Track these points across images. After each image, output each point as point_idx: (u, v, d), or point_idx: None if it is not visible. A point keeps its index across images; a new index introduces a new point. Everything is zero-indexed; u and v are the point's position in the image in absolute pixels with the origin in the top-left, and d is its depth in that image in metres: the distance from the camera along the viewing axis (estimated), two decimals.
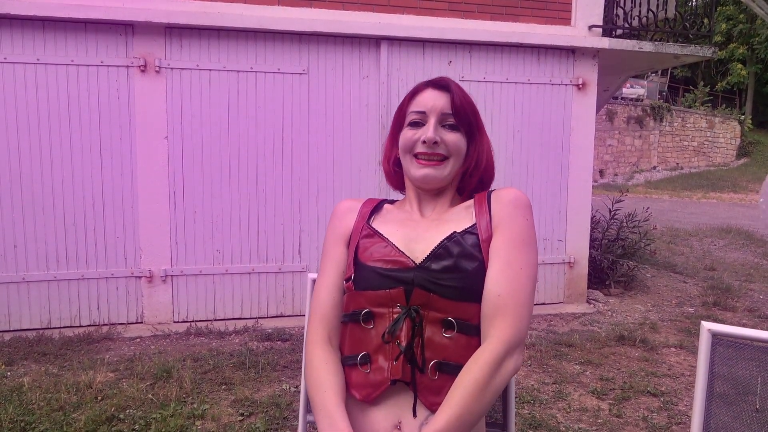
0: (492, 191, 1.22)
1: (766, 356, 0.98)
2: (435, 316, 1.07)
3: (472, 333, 1.08)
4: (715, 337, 1.03)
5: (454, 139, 1.20)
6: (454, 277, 1.08)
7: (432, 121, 1.19)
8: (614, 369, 3.73)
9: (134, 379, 3.32)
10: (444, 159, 1.19)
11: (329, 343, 1.17)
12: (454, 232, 1.13)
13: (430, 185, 1.21)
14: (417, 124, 1.21)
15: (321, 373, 1.12)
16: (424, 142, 1.18)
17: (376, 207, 1.28)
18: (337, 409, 1.05)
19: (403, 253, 1.12)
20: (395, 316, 1.08)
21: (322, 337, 1.17)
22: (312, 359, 1.15)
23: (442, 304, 1.07)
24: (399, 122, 1.27)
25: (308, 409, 1.49)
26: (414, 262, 1.11)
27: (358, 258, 1.16)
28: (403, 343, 1.06)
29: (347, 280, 1.16)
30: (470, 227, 1.15)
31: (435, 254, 1.10)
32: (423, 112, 1.20)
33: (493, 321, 1.05)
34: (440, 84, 1.23)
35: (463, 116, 1.21)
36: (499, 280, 1.08)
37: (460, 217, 1.19)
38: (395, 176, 1.31)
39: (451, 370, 1.06)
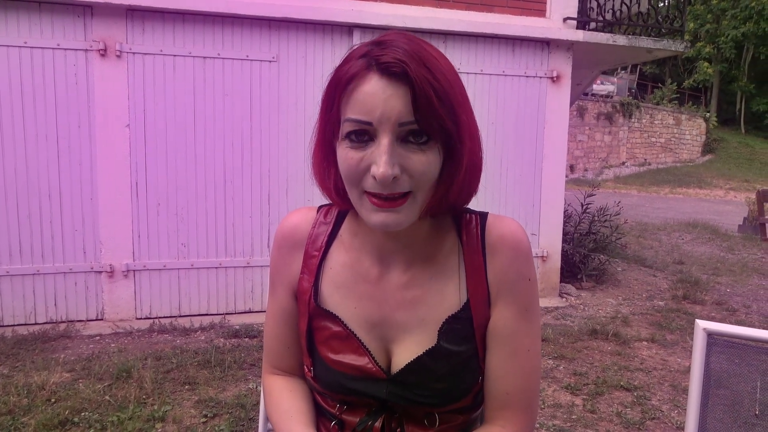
0: (485, 227, 0.89)
1: (766, 357, 0.91)
2: (416, 413, 0.90)
3: (460, 413, 0.92)
4: (711, 336, 0.96)
5: (421, 165, 0.77)
6: (435, 394, 0.87)
7: (385, 142, 0.74)
8: (587, 363, 3.71)
9: (91, 379, 3.15)
10: (407, 194, 0.78)
11: (291, 373, 1.01)
12: (438, 342, 0.86)
13: (392, 230, 0.82)
14: (361, 138, 0.77)
15: (284, 401, 0.95)
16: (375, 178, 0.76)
17: (327, 243, 0.95)
18: None
19: (371, 356, 0.88)
20: (371, 409, 0.90)
21: (281, 371, 1.01)
22: (272, 389, 0.97)
23: (422, 410, 0.90)
24: (329, 124, 0.82)
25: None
26: (385, 372, 0.88)
27: (316, 349, 0.92)
28: None
29: (307, 367, 0.95)
30: (459, 311, 0.87)
31: (411, 370, 0.87)
32: (368, 123, 0.75)
33: (503, 412, 0.89)
34: (390, 70, 0.74)
35: (435, 120, 0.75)
36: (506, 375, 0.88)
37: (442, 283, 0.89)
38: (343, 197, 0.87)
39: None
